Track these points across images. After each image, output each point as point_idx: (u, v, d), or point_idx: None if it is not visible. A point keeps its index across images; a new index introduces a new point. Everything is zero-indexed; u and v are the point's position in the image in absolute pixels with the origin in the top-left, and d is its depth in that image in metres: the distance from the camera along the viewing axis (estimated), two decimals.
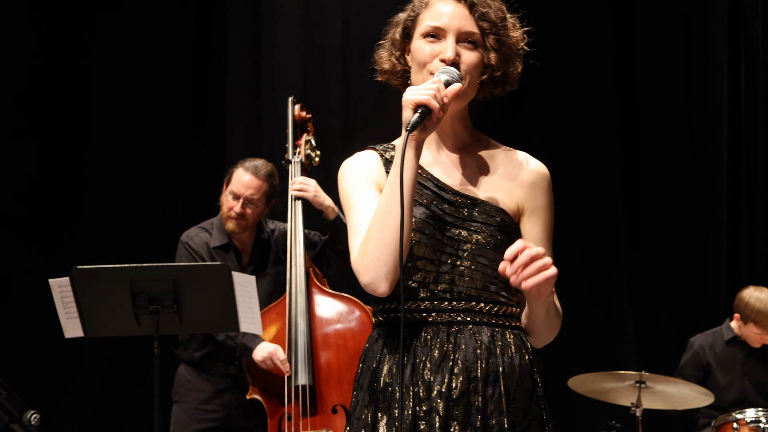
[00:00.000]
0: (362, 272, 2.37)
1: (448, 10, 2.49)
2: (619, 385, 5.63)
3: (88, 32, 6.88)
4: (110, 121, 6.86)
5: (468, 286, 2.42)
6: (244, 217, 5.08)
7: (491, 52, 2.49)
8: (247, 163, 5.14)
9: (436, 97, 2.31)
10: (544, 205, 2.55)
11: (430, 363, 2.39)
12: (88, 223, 6.74)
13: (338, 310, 4.87)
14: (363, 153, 2.59)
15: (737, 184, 7.20)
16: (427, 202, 2.46)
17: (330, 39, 7.06)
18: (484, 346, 2.40)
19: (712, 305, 7.07)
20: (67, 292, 4.10)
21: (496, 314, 2.44)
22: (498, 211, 2.47)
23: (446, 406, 2.36)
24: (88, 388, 6.66)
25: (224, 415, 5.10)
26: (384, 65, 2.61)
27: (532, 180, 2.54)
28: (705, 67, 7.28)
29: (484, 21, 2.49)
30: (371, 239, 2.35)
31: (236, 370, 5.07)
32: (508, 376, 2.40)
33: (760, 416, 5.53)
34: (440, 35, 2.48)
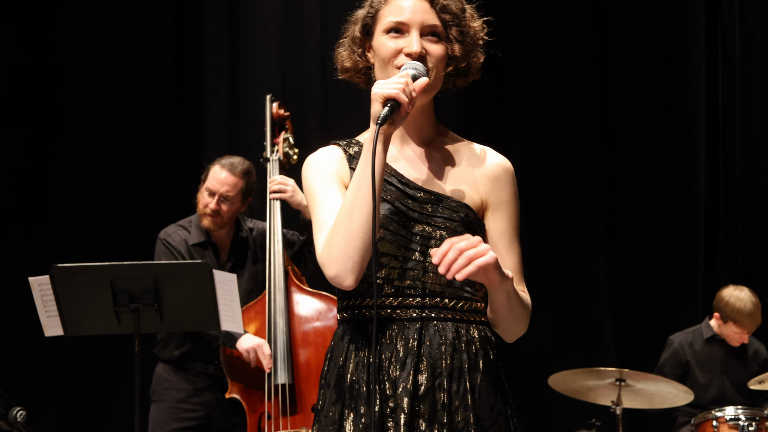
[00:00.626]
0: (328, 265, 2.35)
1: (409, 4, 2.48)
2: (599, 384, 5.64)
3: (65, 30, 6.84)
4: (88, 119, 6.82)
5: (432, 282, 2.42)
6: (219, 214, 5.05)
7: (455, 44, 2.49)
8: (223, 160, 5.12)
9: (405, 90, 2.31)
10: (509, 199, 2.54)
11: (396, 360, 2.39)
12: (65, 221, 6.70)
13: (317, 308, 4.85)
14: (326, 148, 2.58)
15: (715, 183, 7.24)
16: (391, 198, 2.45)
17: (308, 38, 7.04)
18: (449, 342, 2.40)
19: (690, 303, 7.11)
20: (47, 290, 4.07)
21: (461, 309, 2.44)
22: (462, 207, 2.47)
23: (411, 403, 2.36)
24: (67, 385, 6.62)
25: (203, 414, 5.06)
26: (345, 63, 2.59)
27: (495, 174, 2.54)
28: (683, 67, 7.32)
29: (445, 13, 2.49)
30: (338, 232, 2.34)
31: (215, 369, 5.04)
32: (473, 371, 2.41)
33: (740, 414, 5.55)
34: (403, 30, 2.47)
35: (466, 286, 2.45)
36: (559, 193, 7.17)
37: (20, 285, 4.42)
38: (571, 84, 7.32)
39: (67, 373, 6.62)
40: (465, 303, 2.45)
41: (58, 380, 6.60)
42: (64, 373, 6.61)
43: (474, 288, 2.47)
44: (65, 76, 6.83)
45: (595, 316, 7.14)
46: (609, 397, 5.66)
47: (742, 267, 7.15)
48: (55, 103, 6.81)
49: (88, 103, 6.82)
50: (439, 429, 2.36)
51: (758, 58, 7.27)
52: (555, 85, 7.29)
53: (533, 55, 7.27)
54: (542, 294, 7.01)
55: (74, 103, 6.84)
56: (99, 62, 6.84)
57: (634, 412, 6.23)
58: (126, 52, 6.89)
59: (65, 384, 6.62)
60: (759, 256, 7.21)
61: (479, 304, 2.48)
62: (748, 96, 7.27)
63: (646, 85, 7.37)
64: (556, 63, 7.28)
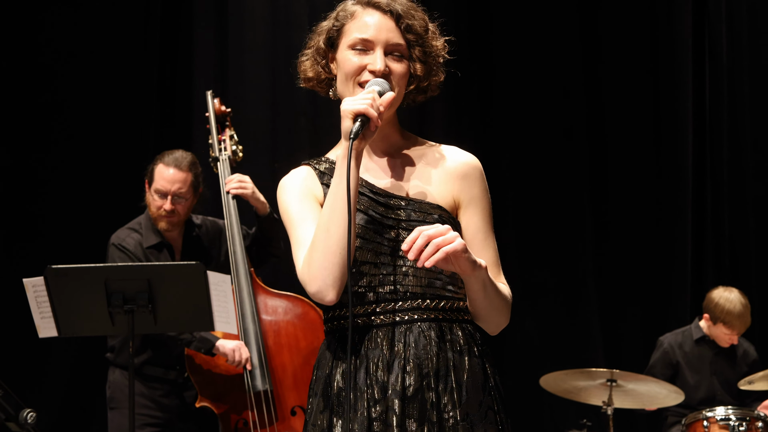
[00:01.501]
0: (309, 282, 2.41)
1: (374, 21, 2.53)
2: (590, 384, 5.65)
3: (51, 32, 6.81)
4: (76, 120, 6.79)
5: (413, 284, 2.47)
6: (176, 213, 4.94)
7: (417, 63, 2.55)
8: (166, 157, 4.98)
9: (373, 105, 2.37)
10: (479, 195, 2.58)
11: (382, 364, 2.43)
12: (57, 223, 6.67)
13: (286, 309, 4.80)
14: (297, 170, 2.63)
15: (702, 184, 7.27)
16: (365, 207, 2.49)
17: (297, 38, 7.01)
18: (433, 341, 2.44)
19: (679, 304, 7.14)
20: (41, 291, 4.07)
21: (443, 309, 2.48)
22: (434, 208, 2.51)
23: (402, 404, 2.40)
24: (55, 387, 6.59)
25: (165, 421, 4.95)
26: (308, 73, 2.63)
27: (464, 172, 2.58)
28: (670, 68, 7.35)
29: (410, 33, 2.54)
30: (316, 249, 2.40)
31: (176, 375, 4.95)
32: (458, 369, 2.45)
33: (730, 414, 5.57)
34: (368, 47, 2.51)
35: (448, 285, 2.50)
36: (547, 195, 7.19)
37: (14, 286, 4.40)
38: (559, 86, 7.34)
39: (55, 374, 6.59)
40: (447, 302, 2.49)
41: (46, 382, 6.56)
42: (52, 374, 6.58)
43: (456, 287, 2.51)
44: (52, 78, 6.80)
45: (583, 316, 7.16)
46: (600, 398, 5.68)
47: (729, 267, 7.18)
48: (44, 105, 6.78)
49: (77, 105, 6.79)
50: (429, 428, 2.40)
51: (745, 59, 7.31)
52: (543, 87, 7.31)
53: (522, 57, 7.29)
54: (531, 295, 7.04)
55: (62, 104, 6.80)
56: (86, 64, 6.81)
57: (624, 412, 6.25)
58: (114, 54, 6.86)
59: (53, 386, 6.58)
60: (746, 256, 7.24)
61: (461, 303, 2.52)
62: (735, 97, 7.31)
63: (634, 86, 7.39)
64: (544, 65, 7.30)
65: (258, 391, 4.66)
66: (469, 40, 7.04)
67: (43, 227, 6.66)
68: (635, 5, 7.44)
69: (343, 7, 2.59)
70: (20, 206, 6.65)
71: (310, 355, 4.67)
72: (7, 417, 2.85)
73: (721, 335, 6.18)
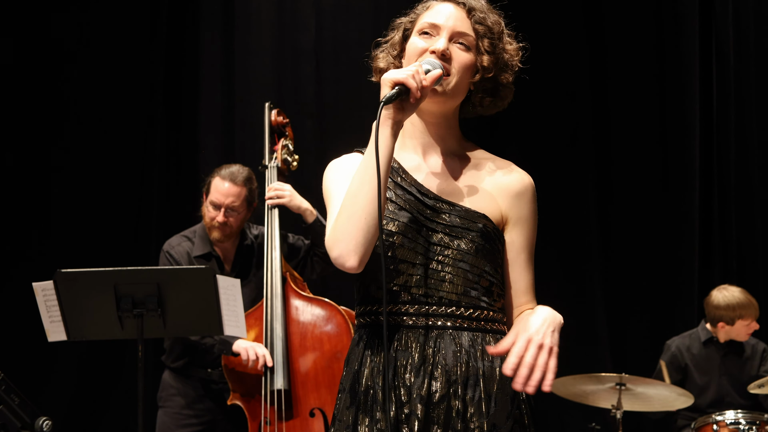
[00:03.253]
0: (332, 246, 2.38)
1: (447, 10, 2.54)
2: (599, 388, 5.64)
3: (59, 35, 6.81)
4: (82, 124, 6.81)
5: (449, 291, 2.44)
6: (228, 225, 5.04)
7: (484, 55, 2.52)
8: (223, 171, 5.09)
9: (415, 78, 2.34)
10: (529, 216, 2.56)
11: (411, 367, 2.41)
12: (60, 226, 6.67)
13: (315, 313, 4.84)
14: (348, 155, 2.62)
15: (709, 187, 7.25)
16: (410, 207, 2.47)
17: (303, 41, 7.03)
18: (464, 350, 2.42)
19: (686, 307, 7.12)
20: (50, 295, 4.06)
21: (476, 319, 2.45)
22: (480, 217, 2.48)
23: (426, 409, 2.38)
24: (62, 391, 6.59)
25: (207, 420, 5.07)
26: (380, 64, 2.62)
27: (517, 190, 2.56)
28: (677, 70, 7.33)
29: (479, 25, 2.53)
30: (342, 214, 2.37)
31: (219, 375, 5.03)
32: (488, 379, 2.42)
33: (740, 418, 5.56)
34: (434, 32, 2.51)
35: (483, 296, 2.47)
36: (553, 198, 7.17)
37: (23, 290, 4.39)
38: (566, 89, 7.32)
39: (62, 378, 6.59)
40: (481, 312, 2.46)
41: (52, 385, 6.56)
42: (59, 378, 6.58)
43: (491, 298, 2.48)
44: (59, 80, 6.80)
45: (590, 320, 7.14)
46: (609, 401, 5.66)
47: (736, 270, 7.17)
48: (51, 107, 6.78)
49: (83, 107, 6.81)
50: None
51: (752, 62, 7.29)
52: (550, 90, 7.30)
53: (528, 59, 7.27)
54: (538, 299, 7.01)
55: (69, 106, 6.81)
56: (93, 67, 6.82)
57: (634, 415, 6.24)
58: (120, 56, 6.87)
59: (60, 389, 6.58)
60: (753, 259, 7.22)
61: (496, 314, 2.49)
62: (742, 99, 7.29)
63: (640, 89, 7.38)
64: (551, 68, 7.29)
65: (275, 389, 4.70)
66: None
67: (50, 230, 6.66)
68: (642, 8, 7.43)
69: (422, 3, 2.61)
70: (28, 209, 6.64)
71: (333, 358, 4.72)
72: (23, 425, 2.84)
73: (741, 329, 6.15)
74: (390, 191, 2.49)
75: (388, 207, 2.47)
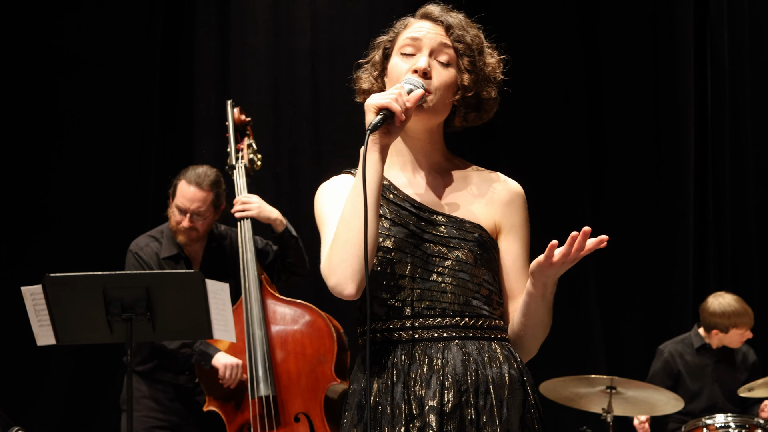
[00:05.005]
0: (328, 275, 2.40)
1: (425, 27, 2.56)
2: (590, 391, 5.64)
3: (55, 35, 6.83)
4: (78, 126, 6.81)
5: (451, 302, 2.46)
6: (195, 229, 4.97)
7: (464, 74, 2.54)
8: (189, 173, 4.98)
9: (398, 100, 2.36)
10: (521, 223, 2.60)
11: (421, 380, 2.42)
12: (55, 231, 6.68)
13: (293, 316, 4.82)
14: (338, 177, 2.63)
15: (704, 189, 7.26)
16: (405, 221, 2.49)
17: (299, 43, 7.04)
18: (472, 358, 2.44)
19: (680, 310, 7.12)
20: (39, 299, 4.07)
21: (480, 327, 2.48)
22: (475, 227, 2.51)
23: (440, 420, 2.39)
24: (56, 396, 6.60)
25: (174, 424, 5.01)
26: (363, 85, 2.64)
27: (508, 199, 2.60)
28: (672, 73, 7.33)
29: (459, 43, 2.55)
30: (337, 242, 2.39)
31: (186, 380, 5.00)
32: (498, 386, 2.44)
33: (730, 421, 5.56)
34: (415, 48, 2.53)
35: (484, 305, 2.50)
36: (547, 198, 7.17)
37: (12, 295, 4.41)
38: (561, 90, 7.33)
39: (56, 383, 6.59)
40: (484, 321, 2.49)
41: (46, 392, 6.57)
42: (53, 383, 6.58)
43: (491, 307, 2.51)
44: (54, 83, 6.81)
45: (584, 322, 7.15)
46: (600, 405, 5.67)
47: (731, 273, 7.17)
48: (46, 110, 6.79)
49: (78, 109, 6.80)
50: None
51: (747, 63, 7.29)
52: (544, 91, 7.30)
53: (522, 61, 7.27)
54: None
55: (64, 108, 6.82)
56: (89, 69, 6.82)
57: (624, 419, 6.24)
58: (115, 58, 6.87)
59: (54, 395, 6.59)
60: (747, 261, 7.23)
61: (498, 322, 2.52)
62: (736, 101, 7.29)
63: (635, 90, 7.38)
64: (545, 69, 7.29)
65: (260, 396, 4.67)
66: None
67: (46, 234, 6.67)
68: (636, 9, 7.43)
69: (400, 21, 2.64)
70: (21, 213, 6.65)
71: (316, 362, 4.69)
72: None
73: (735, 337, 6.15)
74: (383, 208, 2.50)
75: (383, 224, 2.49)
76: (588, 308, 7.16)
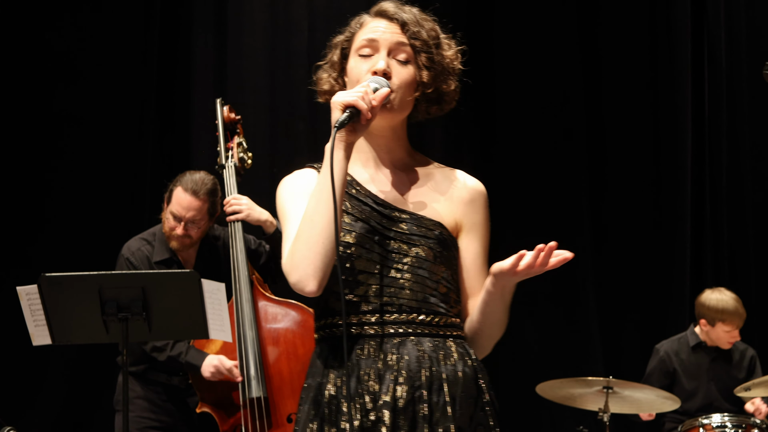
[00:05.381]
0: (290, 271, 2.41)
1: (381, 26, 2.57)
2: (586, 391, 5.65)
3: (53, 36, 6.82)
4: (75, 126, 6.80)
5: (409, 298, 2.47)
6: (188, 236, 4.94)
7: (423, 70, 2.56)
8: (187, 180, 4.93)
9: (364, 99, 2.38)
10: (482, 222, 2.62)
11: (375, 375, 2.43)
12: (52, 231, 6.67)
13: (285, 316, 4.79)
14: (301, 171, 2.64)
15: (701, 189, 7.26)
16: (366, 217, 2.50)
17: (296, 43, 7.04)
18: (426, 355, 2.45)
19: (678, 309, 7.13)
20: (35, 299, 4.05)
21: (437, 325, 2.49)
22: (436, 225, 2.53)
23: (393, 415, 2.40)
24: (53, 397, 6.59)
25: (168, 425, 4.99)
26: (323, 86, 2.66)
27: (470, 197, 2.61)
28: (669, 74, 7.34)
29: (416, 40, 2.56)
30: (299, 239, 2.41)
31: (179, 381, 4.98)
32: (452, 383, 2.45)
33: (726, 421, 5.57)
34: (373, 49, 2.54)
35: (442, 303, 2.51)
36: (545, 200, 7.18)
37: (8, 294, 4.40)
38: (559, 92, 7.33)
39: (53, 384, 6.58)
40: (441, 318, 2.50)
41: (44, 392, 6.56)
42: (50, 384, 6.57)
43: (448, 305, 2.52)
44: (51, 84, 6.80)
45: (582, 323, 7.15)
46: (596, 404, 5.68)
47: (728, 273, 7.17)
48: (43, 111, 6.78)
49: (76, 110, 6.79)
50: None
51: (744, 65, 7.30)
52: (543, 92, 7.31)
53: (522, 62, 7.29)
54: (530, 301, 7.04)
55: (61, 109, 6.81)
56: (85, 69, 6.81)
57: (621, 418, 6.25)
58: (113, 59, 6.86)
59: (51, 396, 6.58)
60: (745, 262, 7.23)
61: (455, 319, 2.53)
62: (734, 102, 7.30)
63: (633, 91, 7.39)
64: (544, 70, 7.30)
65: (252, 397, 4.66)
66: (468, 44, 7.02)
67: (43, 234, 6.66)
68: (634, 11, 7.43)
69: (355, 19, 2.64)
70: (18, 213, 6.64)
71: (308, 361, 4.66)
72: None
73: (722, 335, 6.15)
74: (345, 203, 2.51)
75: (345, 219, 2.50)
76: (586, 308, 7.16)
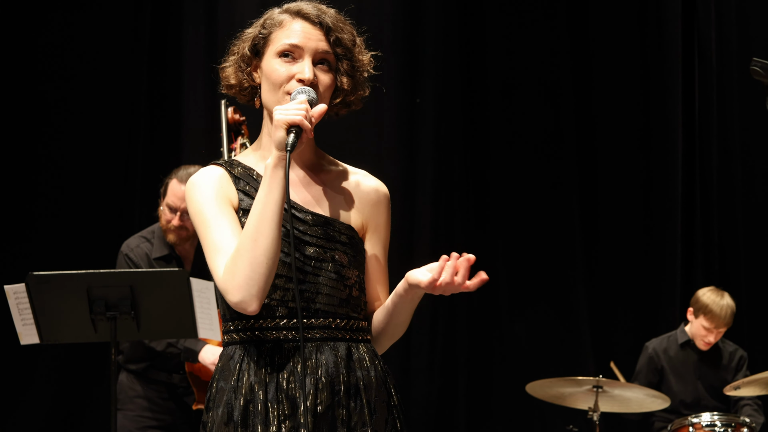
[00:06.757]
0: (232, 291, 2.38)
1: (304, 29, 2.51)
2: (576, 390, 5.66)
3: (43, 32, 6.80)
4: (64, 123, 6.78)
5: (325, 303, 2.48)
6: (184, 227, 4.94)
7: (344, 77, 2.54)
8: (181, 172, 4.97)
9: (307, 117, 2.35)
10: (385, 223, 2.64)
11: (294, 379, 2.43)
12: (42, 227, 6.66)
13: None
14: (209, 168, 2.57)
15: (692, 189, 7.26)
16: (282, 221, 2.47)
17: None
18: (343, 360, 2.47)
19: (668, 309, 7.12)
20: (22, 298, 4.06)
21: (351, 329, 2.51)
22: (348, 229, 2.54)
23: (313, 421, 2.40)
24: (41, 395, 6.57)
25: (168, 423, 5.00)
26: (231, 80, 2.61)
27: (376, 199, 2.62)
28: (660, 74, 7.34)
29: (339, 46, 2.53)
30: (241, 258, 2.36)
31: (180, 379, 4.98)
32: (367, 388, 2.48)
33: (716, 420, 5.58)
34: (296, 54, 2.49)
35: (354, 307, 2.53)
36: (536, 199, 7.18)
37: None
38: (549, 91, 7.33)
39: (42, 382, 6.56)
40: (353, 323, 2.52)
41: (32, 390, 6.54)
42: (39, 382, 6.56)
43: (358, 308, 2.54)
44: (41, 80, 6.79)
45: (573, 321, 7.15)
46: (586, 403, 5.68)
47: (718, 273, 7.17)
48: (32, 107, 6.76)
49: (65, 107, 6.78)
50: None
51: (734, 64, 7.29)
52: (532, 91, 7.31)
53: (510, 62, 7.28)
54: (521, 300, 7.05)
55: (50, 106, 6.79)
56: (75, 65, 6.80)
57: (611, 417, 6.25)
58: (103, 55, 6.85)
59: (40, 394, 6.56)
60: (735, 261, 7.23)
61: (364, 323, 2.56)
62: (724, 102, 7.30)
63: (623, 90, 7.38)
64: (533, 69, 7.30)
65: None
66: (458, 41, 7.03)
67: (31, 233, 6.64)
68: (624, 10, 7.43)
69: (269, 15, 2.56)
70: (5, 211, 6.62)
71: None
72: None
73: (700, 330, 6.13)
74: None
75: None
76: (577, 307, 7.16)
